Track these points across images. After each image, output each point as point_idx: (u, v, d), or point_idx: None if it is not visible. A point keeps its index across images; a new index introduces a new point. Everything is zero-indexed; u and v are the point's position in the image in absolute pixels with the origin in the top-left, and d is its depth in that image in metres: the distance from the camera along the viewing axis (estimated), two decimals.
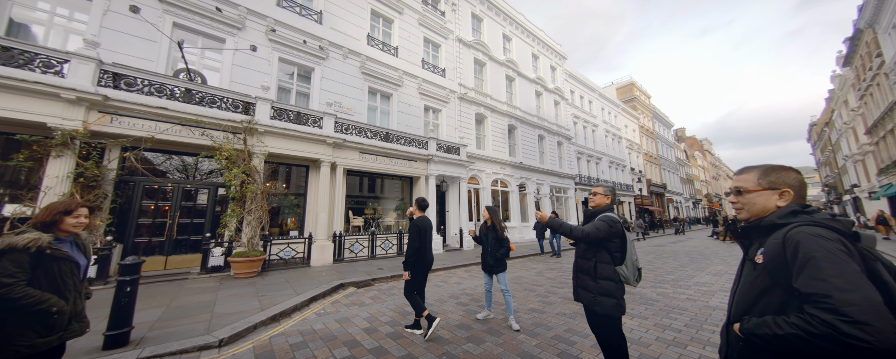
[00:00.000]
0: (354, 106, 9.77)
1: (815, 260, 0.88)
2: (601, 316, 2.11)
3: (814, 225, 0.96)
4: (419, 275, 3.41)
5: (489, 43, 14.91)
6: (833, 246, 0.89)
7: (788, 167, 1.11)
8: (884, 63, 14.73)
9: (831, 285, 0.83)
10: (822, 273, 0.86)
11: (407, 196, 11.01)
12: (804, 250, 0.91)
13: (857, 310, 0.79)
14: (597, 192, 2.38)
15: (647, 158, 30.54)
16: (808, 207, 1.05)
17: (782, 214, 1.05)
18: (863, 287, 0.82)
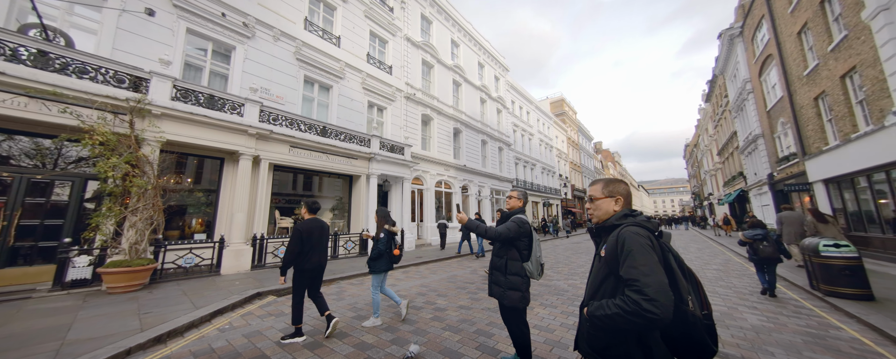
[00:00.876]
0: (287, 95, 8.82)
1: (632, 252, 1.11)
2: (508, 308, 2.33)
3: (635, 225, 1.21)
4: (304, 280, 3.23)
5: (438, 46, 15.12)
6: (644, 241, 1.13)
7: (620, 180, 1.42)
8: (729, 102, 19.68)
9: (639, 271, 1.06)
10: (635, 262, 1.08)
11: (346, 195, 10.40)
12: (627, 245, 1.14)
13: (653, 290, 1.02)
14: (512, 195, 2.61)
15: (572, 165, 34.83)
16: (634, 211, 1.33)
17: (618, 217, 1.31)
18: (658, 273, 1.06)
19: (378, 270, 3.60)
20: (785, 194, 12.92)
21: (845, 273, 4.37)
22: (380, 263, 3.60)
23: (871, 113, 7.51)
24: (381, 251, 3.60)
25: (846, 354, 2.87)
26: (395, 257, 3.69)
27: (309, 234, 3.21)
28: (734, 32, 16.41)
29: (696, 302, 1.12)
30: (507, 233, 2.32)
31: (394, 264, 3.73)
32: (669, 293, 1.02)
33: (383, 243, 3.63)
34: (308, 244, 3.19)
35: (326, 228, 3.45)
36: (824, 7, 8.70)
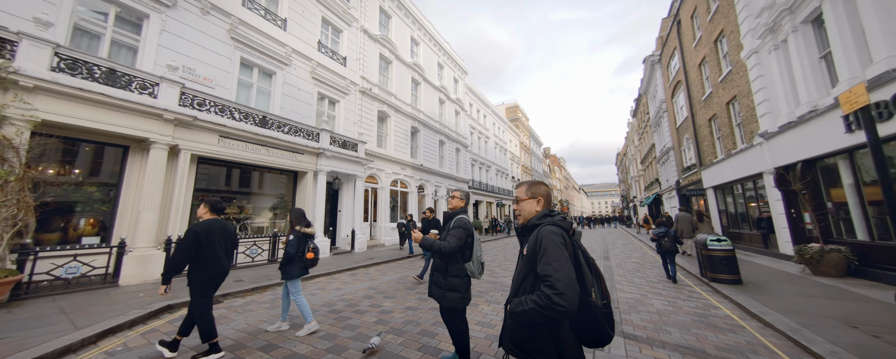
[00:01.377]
0: (217, 78, 7.74)
1: (547, 250, 1.19)
2: (448, 309, 2.36)
3: (552, 224, 1.31)
4: (206, 286, 2.78)
5: (397, 42, 14.79)
6: (558, 239, 1.22)
7: (541, 182, 1.53)
8: (650, 119, 22.94)
9: (552, 267, 1.15)
10: (549, 259, 1.17)
11: (290, 193, 9.54)
12: (543, 243, 1.23)
13: (562, 284, 1.10)
14: (455, 195, 2.65)
15: (523, 168, 37.13)
16: (552, 211, 1.43)
17: (539, 217, 1.40)
18: (567, 268, 1.15)
19: (291, 275, 3.30)
20: (687, 198, 15.51)
21: (723, 262, 5.39)
22: (292, 269, 3.30)
23: (745, 134, 9.41)
24: (291, 255, 3.27)
25: (720, 328, 3.53)
26: (310, 261, 3.38)
27: (208, 236, 2.74)
28: (654, 59, 19.18)
29: (598, 293, 1.24)
30: (459, 243, 2.36)
31: (309, 269, 3.44)
32: (576, 287, 1.11)
33: (293, 246, 3.29)
34: (207, 249, 2.73)
35: (231, 232, 3.02)
36: (717, 45, 10.67)
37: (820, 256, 5.70)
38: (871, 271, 5.35)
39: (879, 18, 4.77)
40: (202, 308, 2.74)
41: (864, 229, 5.65)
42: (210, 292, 2.83)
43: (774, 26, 7.23)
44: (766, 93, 7.91)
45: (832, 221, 6.37)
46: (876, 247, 5.34)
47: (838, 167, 6.12)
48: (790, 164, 7.08)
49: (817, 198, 6.63)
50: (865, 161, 5.60)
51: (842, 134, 5.57)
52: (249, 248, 7.50)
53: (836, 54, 5.67)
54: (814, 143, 6.31)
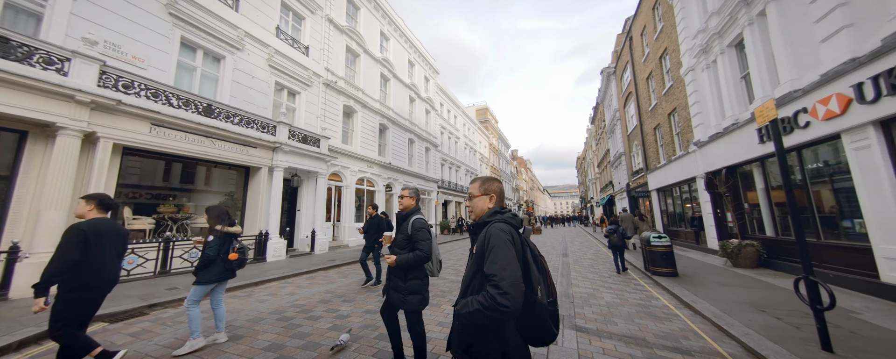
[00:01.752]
0: (151, 57, 6.77)
1: (495, 248, 1.16)
2: (408, 313, 2.27)
3: (501, 222, 1.28)
4: (82, 302, 2.26)
5: (365, 35, 14.26)
6: (506, 237, 1.18)
7: (494, 178, 1.50)
8: (605, 126, 24.86)
9: (498, 265, 1.12)
10: (496, 257, 1.14)
11: (241, 191, 8.69)
12: (491, 241, 1.20)
13: (507, 284, 1.06)
14: (404, 194, 2.54)
15: (492, 169, 38.09)
16: (503, 208, 1.39)
17: (490, 214, 1.36)
18: (513, 267, 1.11)
19: (205, 280, 2.86)
20: (635, 199, 17.05)
21: (663, 257, 5.96)
22: (210, 273, 2.87)
23: (683, 142, 10.56)
24: (210, 258, 2.86)
25: (659, 317, 3.87)
26: (235, 263, 2.97)
27: (98, 239, 2.26)
28: (610, 71, 20.80)
29: (544, 291, 1.22)
30: (428, 248, 2.28)
31: (235, 272, 3.06)
32: (521, 286, 1.08)
33: (214, 248, 2.87)
34: (95, 254, 2.23)
35: (124, 235, 2.55)
36: (662, 61, 11.85)
37: (738, 250, 6.57)
38: (777, 262, 6.28)
39: (785, 47, 5.62)
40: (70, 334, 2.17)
41: (771, 227, 6.62)
42: (87, 310, 2.29)
43: (707, 48, 8.20)
44: (699, 106, 8.94)
45: (748, 219, 7.38)
46: (780, 241, 6.29)
47: (753, 173, 7.10)
48: (717, 169, 8.08)
49: (737, 200, 7.64)
50: (773, 169, 6.56)
51: (756, 144, 6.46)
52: (189, 250, 6.69)
53: (754, 75, 6.57)
54: (735, 151, 7.26)
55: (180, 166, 7.64)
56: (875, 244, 4.22)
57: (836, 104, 4.50)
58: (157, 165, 7.25)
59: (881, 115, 3.98)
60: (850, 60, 4.31)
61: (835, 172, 5.02)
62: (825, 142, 5.04)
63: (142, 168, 7.06)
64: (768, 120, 3.13)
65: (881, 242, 4.14)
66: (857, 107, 4.25)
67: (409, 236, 2.32)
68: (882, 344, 2.85)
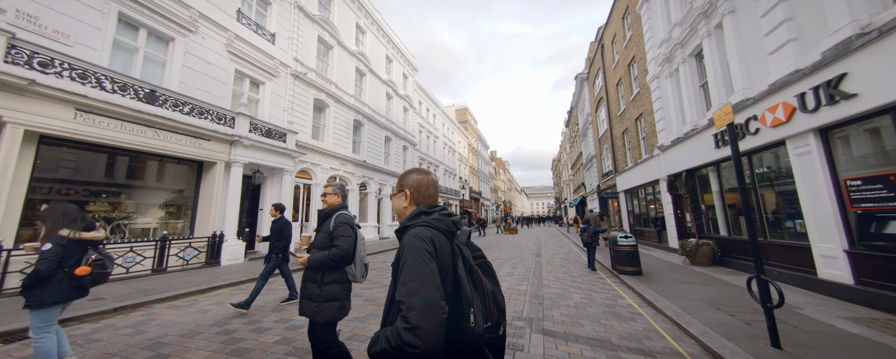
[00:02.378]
0: (80, 34, 5.89)
1: (406, 264, 0.87)
2: (320, 324, 1.97)
3: (422, 226, 0.97)
4: None
5: (339, 26, 13.63)
6: (421, 246, 0.89)
7: (413, 169, 1.16)
8: (579, 129, 25.82)
9: (407, 288, 0.82)
10: (405, 277, 0.85)
11: (192, 188, 7.87)
12: (404, 254, 0.91)
13: (415, 314, 0.77)
14: (327, 192, 2.26)
15: (471, 170, 38.30)
16: (430, 208, 1.06)
17: (411, 217, 1.04)
18: (425, 289, 0.81)
19: (43, 302, 2.13)
20: (605, 200, 17.80)
21: (629, 256, 6.13)
22: (49, 292, 2.15)
23: (648, 146, 11.09)
24: (42, 274, 2.10)
25: (624, 317, 3.89)
26: (86, 279, 2.26)
27: None
28: (583, 76, 21.60)
29: (481, 315, 0.93)
30: (348, 246, 2.01)
31: (86, 291, 2.34)
32: (436, 314, 0.79)
33: (48, 261, 2.11)
34: None
35: None
36: (630, 69, 12.40)
37: (696, 249, 6.93)
38: (729, 259, 6.70)
39: (739, 58, 5.99)
40: None
41: (725, 227, 7.06)
42: None
43: (670, 56, 8.63)
44: (663, 112, 9.40)
45: (705, 220, 7.83)
46: (732, 241, 6.71)
47: (709, 176, 7.54)
48: (678, 172, 8.52)
49: (695, 201, 8.09)
50: (726, 172, 7.00)
51: (712, 149, 6.85)
52: (124, 255, 5.90)
53: (711, 84, 6.97)
54: (694, 155, 7.68)
55: (122, 160, 6.74)
56: (813, 243, 4.56)
57: (782, 112, 4.82)
58: (95, 158, 6.34)
59: (820, 123, 4.29)
60: (794, 72, 4.63)
61: (779, 177, 5.41)
62: (772, 148, 5.40)
63: (79, 161, 6.15)
64: (726, 123, 3.21)
65: (818, 242, 4.48)
66: (800, 115, 4.57)
67: (330, 234, 2.06)
68: (823, 338, 3.02)
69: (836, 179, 4.29)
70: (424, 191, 1.12)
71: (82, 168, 6.19)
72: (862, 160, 4.10)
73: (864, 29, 3.74)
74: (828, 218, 4.31)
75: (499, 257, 9.25)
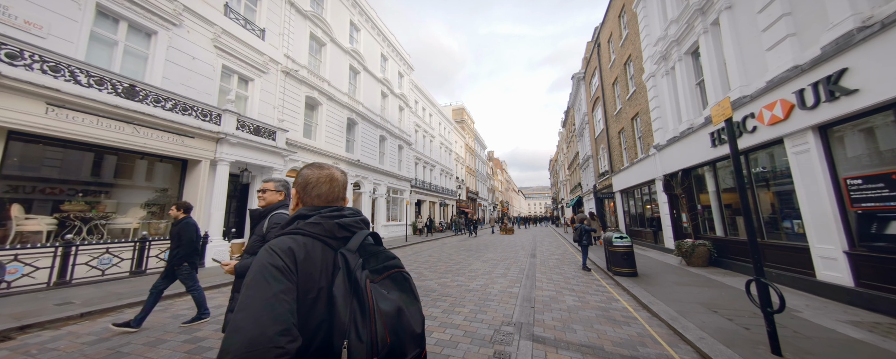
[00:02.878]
0: (54, 25, 5.64)
1: (245, 287, 0.67)
2: None
3: (288, 234, 0.78)
4: None
5: (333, 23, 13.41)
6: (268, 262, 0.69)
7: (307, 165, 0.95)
8: (575, 129, 25.76)
9: (233, 322, 0.62)
10: (240, 303, 0.64)
11: (176, 186, 7.62)
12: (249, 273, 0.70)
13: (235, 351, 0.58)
14: (267, 187, 1.98)
15: (468, 170, 38.15)
16: (322, 209, 0.85)
17: (286, 224, 0.83)
18: (257, 322, 0.60)
19: None
20: (601, 200, 17.71)
21: (624, 257, 5.99)
22: None
23: (643, 146, 10.98)
24: None
25: (618, 322, 3.73)
26: None
27: None
28: (580, 76, 21.53)
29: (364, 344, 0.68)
30: None
31: None
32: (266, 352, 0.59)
33: None
34: None
35: None
36: (626, 68, 12.29)
37: (692, 249, 6.80)
38: (725, 260, 6.58)
39: (736, 55, 5.87)
40: None
41: (721, 227, 6.94)
42: None
43: (666, 54, 8.52)
44: (659, 111, 9.29)
45: (701, 220, 7.72)
46: (728, 241, 6.59)
47: (705, 176, 7.43)
48: (674, 172, 8.41)
49: (691, 201, 7.98)
50: (723, 172, 6.89)
51: (709, 148, 6.73)
52: (100, 256, 5.65)
53: (707, 82, 6.85)
54: (690, 155, 7.56)
55: (100, 158, 6.49)
56: (812, 244, 4.43)
57: (780, 110, 4.70)
58: (72, 155, 6.08)
59: (820, 120, 4.17)
60: (792, 68, 4.50)
61: (777, 176, 5.28)
62: (770, 146, 5.28)
63: (64, 158, 5.94)
64: (724, 119, 3.07)
65: (817, 242, 4.35)
66: (799, 112, 4.44)
67: (263, 238, 1.84)
68: (825, 344, 2.87)
69: (835, 178, 4.17)
70: (312, 189, 0.89)
71: (58, 165, 5.94)
72: (863, 159, 3.98)
73: (865, 22, 3.62)
74: (827, 218, 4.18)
75: (493, 258, 9.08)
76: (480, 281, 5.89)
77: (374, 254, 0.84)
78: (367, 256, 0.82)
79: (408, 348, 0.73)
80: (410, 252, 10.93)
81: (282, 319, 0.62)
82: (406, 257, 9.43)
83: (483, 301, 4.49)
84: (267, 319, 0.61)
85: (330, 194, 0.90)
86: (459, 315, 3.88)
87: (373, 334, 0.69)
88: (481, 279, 6.05)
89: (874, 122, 3.78)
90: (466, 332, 3.34)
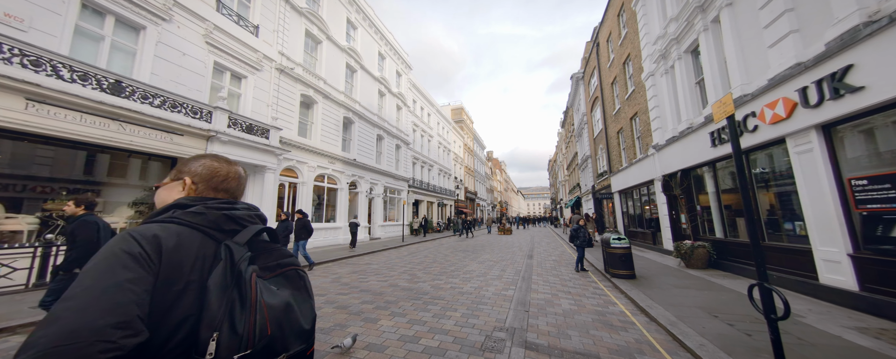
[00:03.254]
0: (36, 18, 5.48)
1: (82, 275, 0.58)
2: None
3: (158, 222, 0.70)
4: None
5: (329, 21, 13.25)
6: (123, 249, 0.60)
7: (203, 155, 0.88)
8: (574, 129, 25.66)
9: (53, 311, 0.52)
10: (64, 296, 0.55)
11: None
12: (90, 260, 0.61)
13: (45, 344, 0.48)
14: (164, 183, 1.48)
15: (466, 170, 38.01)
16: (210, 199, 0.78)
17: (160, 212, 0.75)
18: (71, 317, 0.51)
19: None
20: (600, 201, 17.58)
21: (622, 259, 5.85)
22: None
23: (642, 146, 10.86)
24: None
25: (614, 327, 3.59)
26: None
27: None
28: (579, 76, 21.42)
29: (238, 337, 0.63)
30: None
31: None
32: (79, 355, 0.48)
33: None
34: None
35: None
36: (625, 67, 12.17)
37: (691, 251, 6.67)
38: (725, 262, 6.45)
39: (737, 53, 5.74)
40: None
41: (720, 228, 6.81)
42: None
43: (666, 53, 8.39)
44: (658, 110, 9.17)
45: (700, 221, 7.59)
46: (728, 243, 6.46)
47: (705, 177, 7.31)
48: (673, 172, 8.28)
49: (690, 202, 7.85)
50: (723, 172, 6.76)
51: (708, 148, 6.61)
52: None
53: (707, 80, 6.73)
54: (690, 154, 7.43)
55: (86, 156, 6.33)
56: (815, 246, 4.31)
57: (783, 108, 4.57)
58: (63, 153, 5.92)
59: (823, 119, 4.04)
60: (795, 65, 4.37)
61: (778, 176, 5.16)
62: (771, 146, 5.16)
63: (55, 157, 5.76)
64: (726, 116, 2.92)
65: (820, 245, 4.22)
66: (802, 111, 4.31)
67: None
68: (832, 352, 2.74)
69: (839, 179, 4.04)
70: (221, 182, 0.83)
71: (49, 164, 5.78)
72: (868, 159, 3.85)
73: (871, 17, 3.49)
74: (830, 220, 4.05)
75: (489, 259, 8.94)
76: (475, 283, 5.75)
77: (267, 250, 0.81)
78: (260, 252, 0.78)
79: (290, 342, 0.70)
80: (406, 253, 10.78)
81: (120, 310, 0.54)
82: (401, 258, 9.28)
83: (476, 305, 4.35)
84: (98, 309, 0.52)
85: (236, 191, 0.87)
86: (450, 320, 3.73)
87: (251, 326, 0.64)
88: (476, 281, 5.90)
89: (880, 120, 3.66)
90: (456, 338, 3.19)
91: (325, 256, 8.99)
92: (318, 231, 11.96)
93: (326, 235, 12.41)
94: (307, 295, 0.79)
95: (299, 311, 0.73)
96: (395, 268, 7.46)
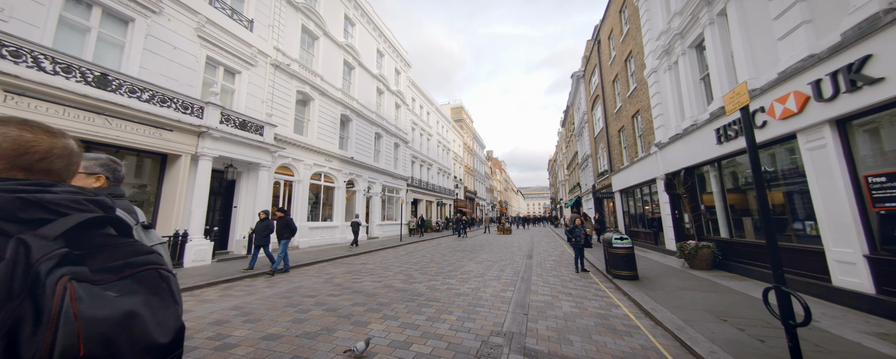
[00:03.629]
0: (17, 7, 5.28)
1: None
2: None
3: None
4: None
5: (326, 16, 13.04)
6: None
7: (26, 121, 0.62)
8: (574, 128, 25.45)
9: None
10: None
11: (155, 181, 7.26)
12: None
13: None
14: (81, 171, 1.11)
15: (466, 169, 37.81)
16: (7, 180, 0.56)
17: None
18: None
19: None
20: (600, 200, 17.38)
21: (624, 260, 5.66)
22: None
23: (644, 144, 10.65)
24: None
25: (618, 331, 3.40)
26: None
27: None
28: (580, 75, 21.20)
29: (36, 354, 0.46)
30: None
31: None
32: None
33: None
34: None
35: None
36: (627, 64, 11.96)
37: (695, 251, 6.48)
38: (730, 263, 6.25)
39: (744, 46, 5.54)
40: None
41: (726, 228, 6.61)
42: None
43: (669, 49, 8.19)
44: (660, 108, 8.97)
45: (704, 221, 7.40)
46: (733, 243, 6.26)
47: (709, 175, 7.11)
48: (676, 171, 8.08)
49: (694, 201, 7.65)
50: (728, 170, 6.56)
51: (714, 145, 6.40)
52: None
53: (713, 76, 6.52)
54: (694, 152, 7.23)
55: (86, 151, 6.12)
56: (828, 247, 4.11)
57: (794, 102, 4.37)
58: None
59: (838, 113, 3.84)
60: (808, 57, 4.18)
61: (788, 174, 4.96)
62: (781, 142, 4.96)
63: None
64: (740, 106, 2.72)
65: (834, 245, 4.03)
66: (815, 105, 4.12)
67: None
68: None
69: (855, 176, 3.85)
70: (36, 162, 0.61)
71: None
72: (886, 155, 3.65)
73: (893, 3, 3.29)
74: (845, 219, 3.86)
75: (488, 259, 8.75)
76: (472, 284, 5.56)
77: (111, 247, 0.60)
78: (97, 249, 0.58)
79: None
80: (403, 252, 10.59)
81: None
82: (398, 258, 9.09)
83: (473, 307, 4.16)
84: None
85: (64, 173, 0.64)
86: (445, 324, 3.54)
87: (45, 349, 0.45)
88: (473, 282, 5.71)
89: None
90: (450, 344, 3.00)
91: (320, 256, 8.80)
92: (315, 230, 11.77)
93: (323, 234, 12.22)
94: (171, 301, 0.62)
95: (152, 321, 0.56)
96: (391, 268, 7.27)
